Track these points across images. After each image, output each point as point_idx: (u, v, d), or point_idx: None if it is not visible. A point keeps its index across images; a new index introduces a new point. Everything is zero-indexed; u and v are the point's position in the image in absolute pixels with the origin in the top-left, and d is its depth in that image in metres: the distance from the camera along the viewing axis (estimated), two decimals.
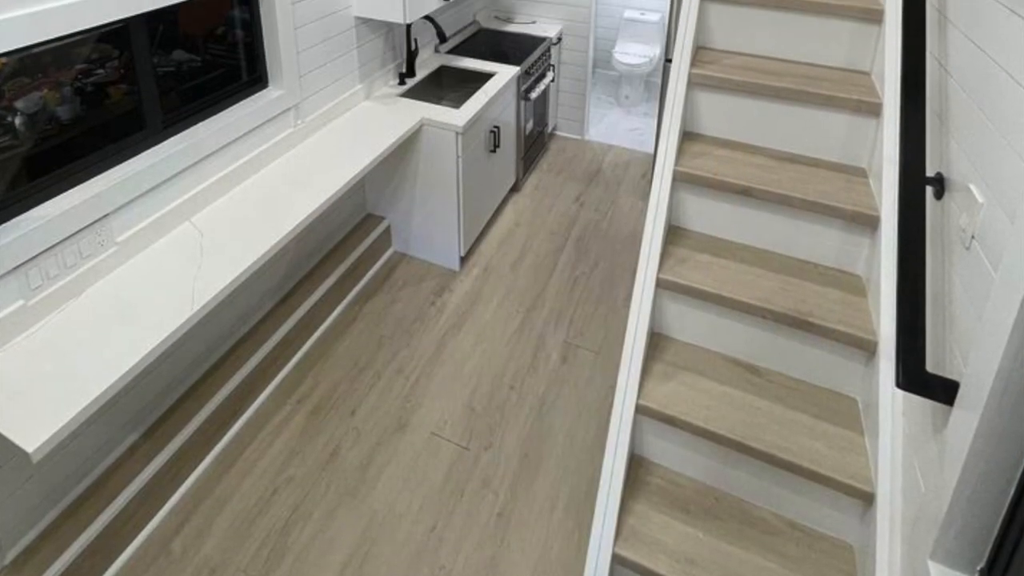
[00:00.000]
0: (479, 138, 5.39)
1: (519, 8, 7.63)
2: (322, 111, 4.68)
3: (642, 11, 8.91)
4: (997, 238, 1.89)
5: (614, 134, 8.08)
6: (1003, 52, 2.07)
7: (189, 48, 3.84)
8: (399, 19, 4.79)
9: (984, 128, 2.13)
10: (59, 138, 3.18)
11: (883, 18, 3.39)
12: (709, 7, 3.77)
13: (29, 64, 3.00)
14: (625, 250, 5.83)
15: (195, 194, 3.68)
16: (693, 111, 3.67)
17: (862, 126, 3.32)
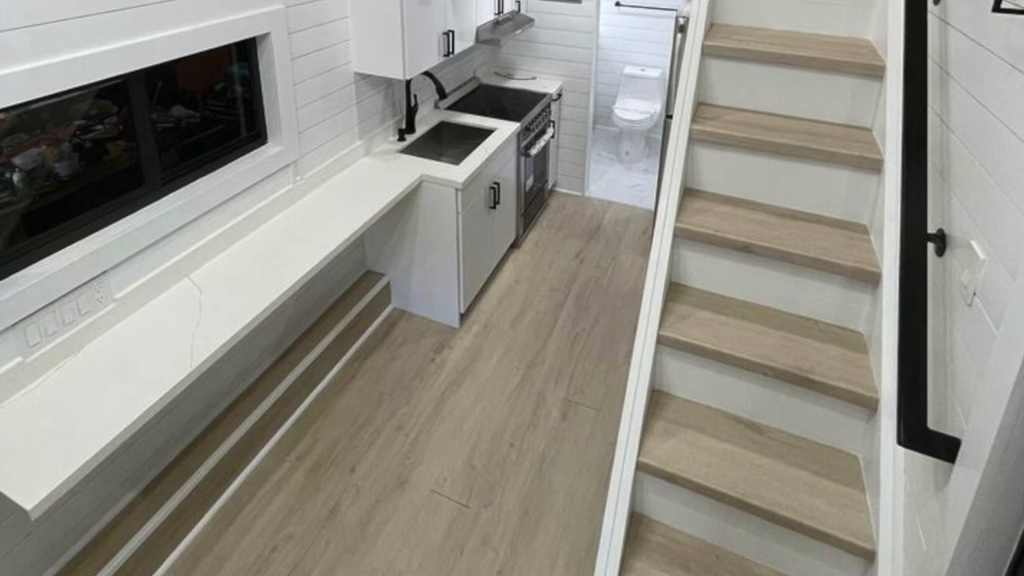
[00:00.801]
0: (479, 194, 5.42)
1: (519, 64, 7.71)
2: (321, 167, 4.71)
3: (642, 67, 9.00)
4: (999, 295, 1.89)
5: (614, 190, 8.12)
6: (1004, 108, 2.08)
7: (188, 104, 3.86)
8: (399, 75, 4.83)
9: (986, 184, 2.13)
10: (57, 194, 3.18)
11: (884, 74, 3.40)
12: (710, 63, 3.79)
13: (27, 120, 3.00)
14: (626, 307, 5.84)
15: (194, 251, 3.70)
16: (694, 167, 3.68)
17: (863, 182, 3.33)
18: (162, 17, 3.28)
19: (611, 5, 9.02)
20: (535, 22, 7.42)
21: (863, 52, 3.60)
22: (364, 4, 4.69)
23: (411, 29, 4.74)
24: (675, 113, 3.61)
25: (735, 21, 4.13)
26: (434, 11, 5.09)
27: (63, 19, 2.79)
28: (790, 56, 3.58)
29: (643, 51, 9.11)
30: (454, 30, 5.51)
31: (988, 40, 2.28)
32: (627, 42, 9.18)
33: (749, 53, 3.66)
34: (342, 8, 4.67)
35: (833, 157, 3.31)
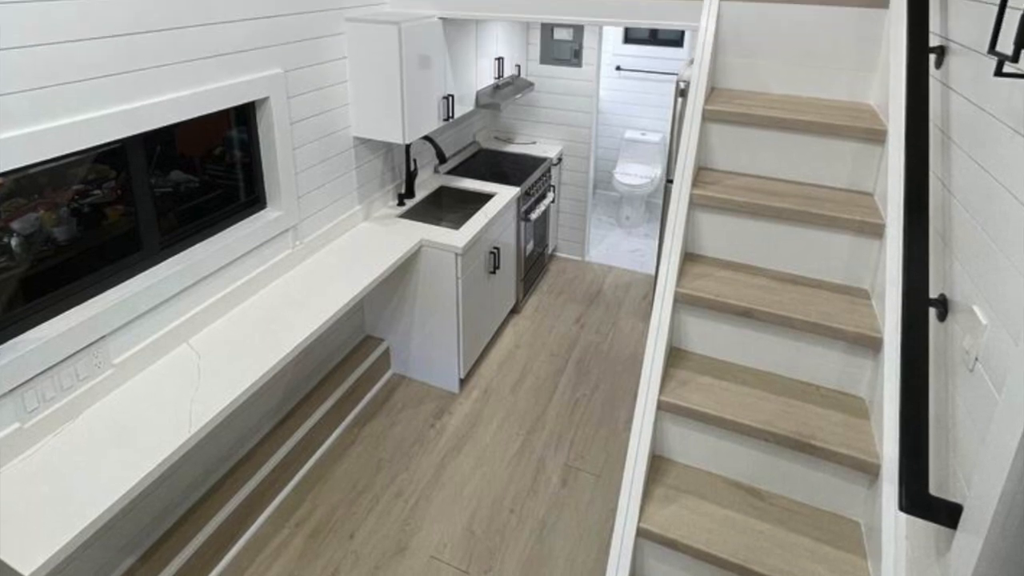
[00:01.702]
0: (479, 259, 5.44)
1: (519, 129, 7.78)
2: (321, 232, 4.73)
3: (643, 131, 9.06)
4: (1001, 360, 1.90)
5: (615, 255, 8.15)
6: (1006, 172, 2.09)
7: (187, 168, 3.87)
8: (398, 139, 4.86)
9: (988, 249, 2.15)
10: (55, 259, 3.18)
11: (886, 139, 3.41)
12: (711, 127, 3.81)
13: (26, 185, 3.01)
14: (626, 372, 5.84)
15: (193, 316, 3.72)
16: (695, 232, 3.69)
17: (865, 247, 3.33)
18: (160, 81, 3.32)
19: (611, 69, 9.11)
20: (535, 86, 7.51)
21: (864, 116, 3.62)
22: (363, 68, 4.74)
23: (411, 94, 4.78)
24: (676, 178, 3.61)
25: (736, 85, 4.16)
26: (434, 75, 5.14)
27: (61, 83, 2.83)
28: (791, 121, 3.59)
29: (644, 115, 9.17)
30: (454, 94, 5.57)
31: (990, 104, 2.30)
32: (627, 106, 9.25)
33: (750, 118, 3.68)
34: (341, 72, 4.73)
35: (834, 222, 3.32)
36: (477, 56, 6.03)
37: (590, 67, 7.26)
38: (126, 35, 3.08)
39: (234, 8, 3.68)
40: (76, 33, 2.85)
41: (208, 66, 3.59)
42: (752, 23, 4.00)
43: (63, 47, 2.81)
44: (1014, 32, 2.02)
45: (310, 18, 4.30)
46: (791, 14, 3.90)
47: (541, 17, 4.61)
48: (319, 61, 4.46)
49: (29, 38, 2.67)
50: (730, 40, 4.07)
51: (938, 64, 2.94)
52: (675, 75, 7.97)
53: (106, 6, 2.96)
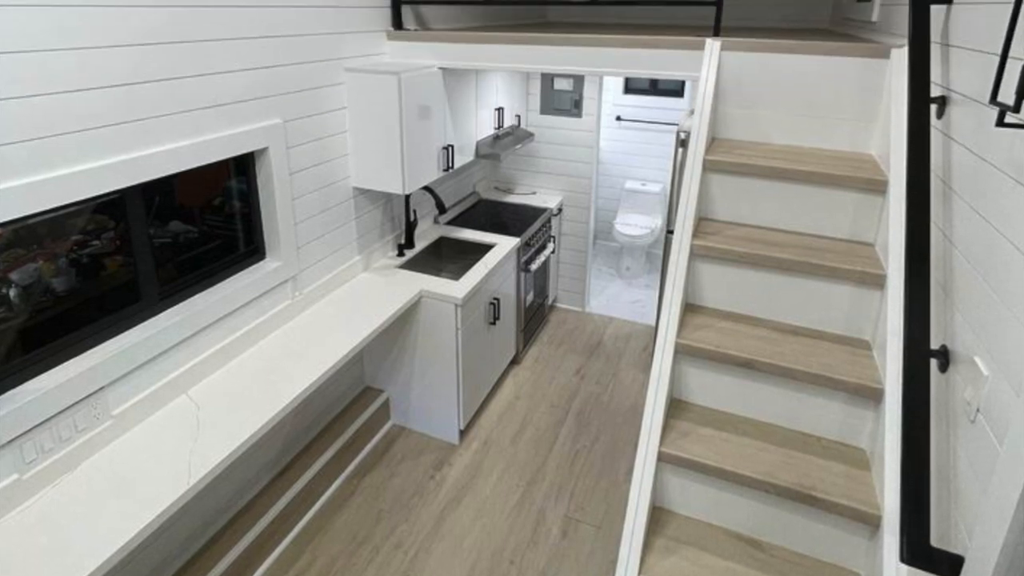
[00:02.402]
0: (479, 310, 5.46)
1: (519, 179, 7.82)
2: (320, 283, 4.75)
3: (643, 182, 9.10)
4: (1003, 411, 1.91)
5: (615, 306, 8.17)
6: (1008, 223, 2.10)
7: (186, 219, 3.88)
8: (398, 190, 4.87)
9: (989, 300, 2.16)
10: (54, 310, 3.18)
11: (887, 189, 3.42)
12: (711, 177, 3.83)
13: (24, 235, 3.02)
14: (626, 423, 5.84)
15: (192, 367, 3.72)
16: (695, 283, 3.71)
17: (866, 298, 3.34)
18: (159, 131, 3.34)
19: (612, 119, 9.18)
20: (535, 137, 7.56)
21: (865, 167, 3.63)
22: (363, 119, 4.77)
23: (410, 144, 4.81)
24: (676, 228, 3.62)
25: (737, 136, 4.18)
26: (433, 126, 5.16)
27: (60, 133, 2.85)
28: (792, 171, 3.61)
29: (644, 166, 9.23)
30: (453, 144, 5.60)
31: (991, 155, 2.31)
32: (628, 157, 9.31)
33: (751, 168, 3.70)
34: (341, 123, 4.75)
35: (835, 272, 3.33)
36: (477, 106, 6.08)
37: (590, 117, 7.32)
38: (125, 85, 3.11)
39: (233, 58, 3.71)
40: (75, 83, 2.88)
41: (207, 116, 3.61)
42: (753, 73, 4.02)
43: (61, 97, 2.83)
44: (1015, 83, 2.05)
45: (309, 68, 4.33)
46: (792, 64, 3.93)
47: (541, 68, 4.64)
48: (318, 111, 4.48)
49: (28, 88, 2.69)
50: (731, 90, 4.09)
51: (939, 114, 2.95)
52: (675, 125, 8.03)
53: (104, 56, 2.99)
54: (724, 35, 4.22)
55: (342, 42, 4.61)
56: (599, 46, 4.41)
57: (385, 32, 5.09)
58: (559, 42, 4.52)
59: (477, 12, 6.54)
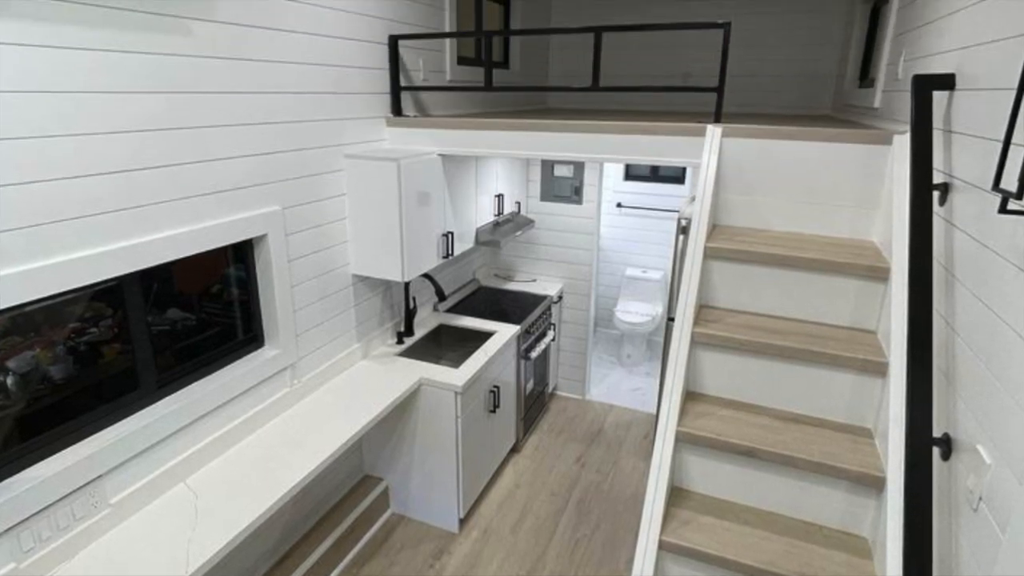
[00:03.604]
0: (479, 398, 5.46)
1: (519, 266, 7.88)
2: (319, 371, 4.77)
3: (644, 269, 9.16)
4: (1005, 500, 1.93)
5: (616, 394, 8.16)
6: (1010, 310, 2.12)
7: (184, 306, 3.89)
8: (397, 277, 4.89)
9: (992, 388, 2.17)
10: (52, 398, 3.19)
11: (889, 276, 3.43)
12: (712, 265, 3.85)
13: (21, 322, 3.03)
14: (627, 511, 5.82)
15: (190, 455, 3.73)
16: (696, 370, 3.72)
17: (868, 386, 3.35)
18: (158, 218, 3.37)
19: (612, 206, 9.27)
20: (535, 223, 7.63)
21: (867, 254, 3.66)
22: (362, 205, 4.82)
23: (410, 231, 4.85)
24: (677, 316, 3.64)
25: (737, 222, 4.21)
26: (433, 212, 5.21)
27: (58, 220, 2.88)
28: (793, 258, 3.64)
29: (645, 253, 9.30)
30: (453, 231, 5.66)
31: (994, 242, 2.33)
32: (628, 243, 9.38)
33: (752, 255, 3.73)
34: (340, 209, 4.80)
35: (837, 360, 3.35)
36: (477, 193, 6.15)
37: (591, 204, 7.38)
38: (123, 171, 3.14)
39: (232, 144, 3.76)
40: (73, 169, 2.92)
41: (206, 203, 3.65)
42: (754, 159, 4.06)
43: (60, 184, 2.86)
44: (1018, 169, 2.09)
45: (309, 154, 4.38)
46: (794, 150, 3.96)
47: (541, 154, 4.69)
48: (318, 198, 4.53)
49: (26, 175, 2.73)
50: (732, 177, 4.13)
51: (942, 201, 2.98)
52: (676, 212, 8.11)
53: (103, 142, 3.03)
54: (725, 121, 4.29)
55: (342, 128, 4.68)
56: (599, 132, 4.48)
57: (385, 118, 5.17)
58: (559, 128, 4.58)
59: (477, 99, 6.67)
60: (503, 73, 7.41)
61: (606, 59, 8.12)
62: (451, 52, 5.98)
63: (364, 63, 4.82)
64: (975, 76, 2.73)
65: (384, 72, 5.08)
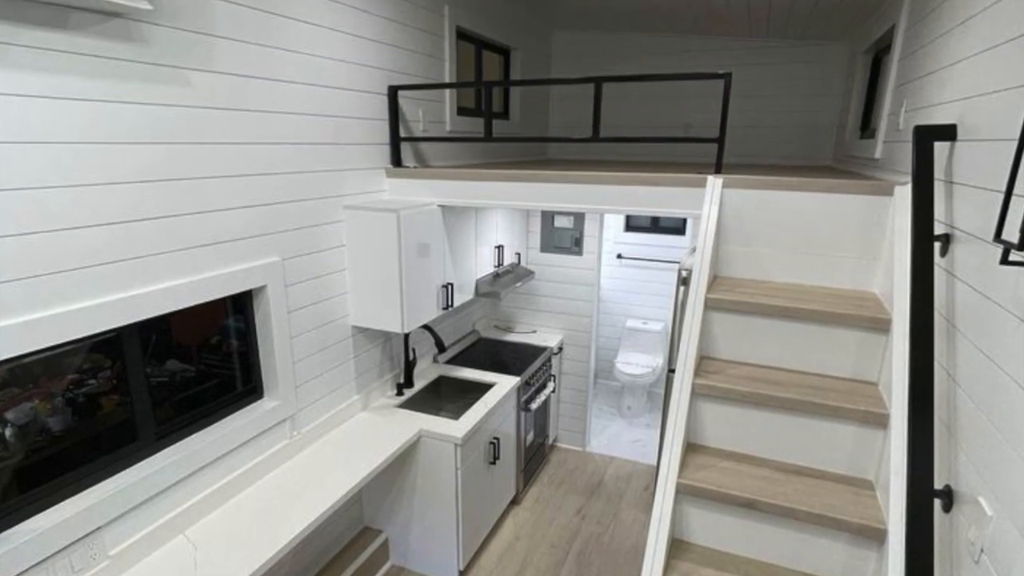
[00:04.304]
0: (478, 450, 5.46)
1: (519, 317, 7.90)
2: (318, 422, 4.77)
3: (644, 320, 9.18)
4: (1007, 552, 1.94)
5: (616, 445, 8.15)
6: (1012, 362, 2.14)
7: (183, 357, 3.90)
8: (397, 329, 4.91)
9: (993, 439, 2.19)
10: (50, 449, 3.19)
11: (890, 327, 3.44)
12: (713, 316, 3.87)
13: (20, 374, 3.03)
14: (628, 564, 5.80)
15: (189, 507, 3.73)
16: (697, 422, 3.72)
17: (869, 437, 3.35)
18: (157, 269, 3.39)
19: (613, 257, 9.31)
20: (535, 274, 7.67)
21: (868, 305, 3.68)
22: (362, 256, 4.84)
23: (409, 282, 4.87)
24: (678, 367, 3.64)
25: (738, 273, 4.23)
26: (433, 264, 5.23)
27: (57, 271, 2.90)
28: (794, 309, 3.65)
29: (645, 304, 9.33)
30: (453, 283, 5.69)
31: (996, 293, 2.35)
32: (629, 295, 9.41)
33: (753, 306, 3.75)
34: (340, 260, 4.82)
35: (838, 412, 3.35)
36: (477, 244, 6.19)
37: (591, 255, 7.42)
38: (122, 223, 3.16)
39: (231, 195, 3.78)
40: (72, 221, 2.94)
41: (205, 254, 3.67)
42: (754, 210, 4.08)
43: (59, 235, 2.89)
44: (1020, 220, 2.11)
45: (308, 205, 4.41)
46: (794, 201, 3.99)
47: (541, 205, 4.73)
48: (317, 249, 4.56)
49: (24, 226, 2.75)
50: (733, 227, 4.16)
51: (943, 252, 2.99)
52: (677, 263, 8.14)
53: (102, 193, 3.05)
54: (726, 172, 4.32)
55: (341, 179, 4.71)
56: (600, 183, 4.53)
57: (384, 169, 5.21)
58: (559, 179, 4.62)
59: (477, 149, 6.72)
60: (503, 124, 7.48)
61: (606, 110, 8.21)
62: (451, 103, 6.04)
63: (364, 114, 4.87)
64: (977, 127, 2.76)
65: (384, 123, 5.12)
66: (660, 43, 7.84)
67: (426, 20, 5.52)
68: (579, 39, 8.30)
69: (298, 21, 4.09)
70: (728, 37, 7.48)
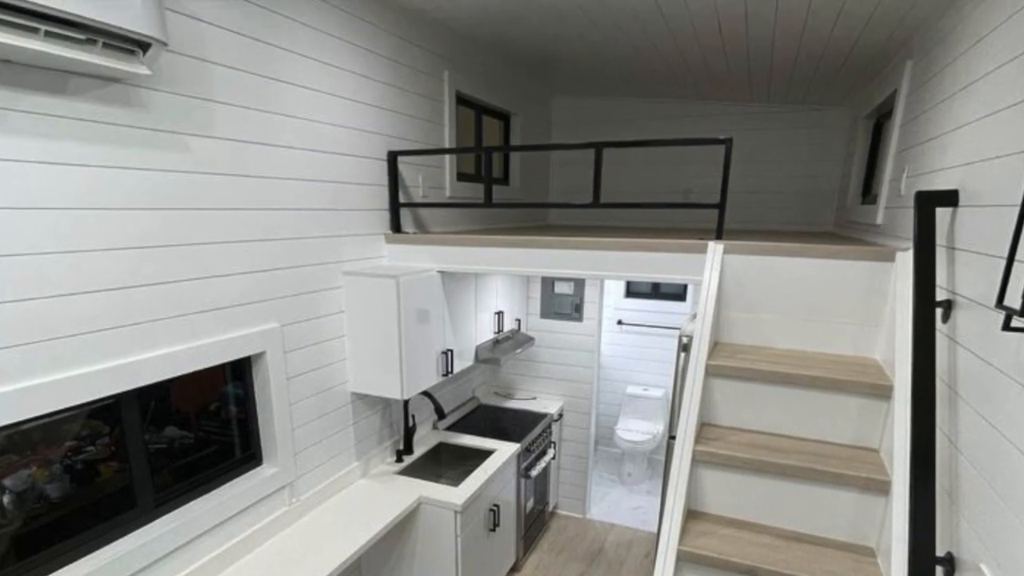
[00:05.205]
0: (478, 517, 5.45)
1: (519, 383, 7.91)
2: (317, 489, 4.77)
3: (645, 387, 9.18)
4: None
5: (617, 512, 8.14)
6: (1015, 428, 2.16)
7: (181, 424, 3.90)
8: (396, 395, 4.91)
9: (996, 506, 2.21)
10: (48, 516, 3.19)
11: (892, 394, 3.45)
12: (714, 382, 3.89)
13: (17, 440, 3.04)
14: None
15: (187, 574, 3.71)
16: (697, 488, 3.73)
17: (871, 504, 3.36)
18: (156, 335, 3.41)
19: (613, 323, 9.34)
20: (536, 341, 7.69)
21: (870, 371, 3.69)
22: (361, 322, 4.86)
23: (409, 348, 4.88)
24: (678, 434, 3.66)
25: (739, 339, 4.25)
26: (432, 330, 5.25)
27: (55, 338, 2.92)
28: (796, 376, 3.67)
29: (645, 370, 9.34)
30: (453, 349, 5.71)
31: (998, 359, 2.37)
32: (629, 361, 9.43)
33: (754, 373, 3.76)
34: (339, 327, 4.84)
35: (839, 479, 3.36)
36: (477, 310, 6.22)
37: (591, 321, 7.45)
38: (121, 288, 3.19)
39: (230, 261, 3.80)
40: (70, 287, 2.96)
41: (204, 320, 3.68)
42: (755, 276, 4.11)
43: (57, 301, 2.91)
44: (1022, 286, 2.14)
45: (308, 271, 4.43)
46: (795, 267, 4.02)
47: (541, 271, 4.77)
48: (316, 315, 4.57)
49: (22, 292, 2.77)
50: (733, 293, 4.18)
51: (945, 318, 3.01)
52: (677, 329, 8.17)
53: (100, 259, 3.08)
54: (727, 237, 4.35)
55: (341, 245, 4.74)
56: (600, 249, 4.57)
57: (384, 235, 5.25)
58: (559, 245, 4.66)
59: (476, 215, 6.78)
60: (503, 189, 7.55)
61: (607, 175, 8.28)
62: (451, 168, 6.10)
63: (363, 179, 4.91)
64: (978, 192, 2.80)
65: (383, 188, 5.16)
66: (660, 108, 7.95)
67: (426, 85, 5.60)
68: (579, 104, 8.41)
69: (297, 86, 4.15)
70: (728, 102, 7.57)
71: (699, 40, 5.26)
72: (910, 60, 4.42)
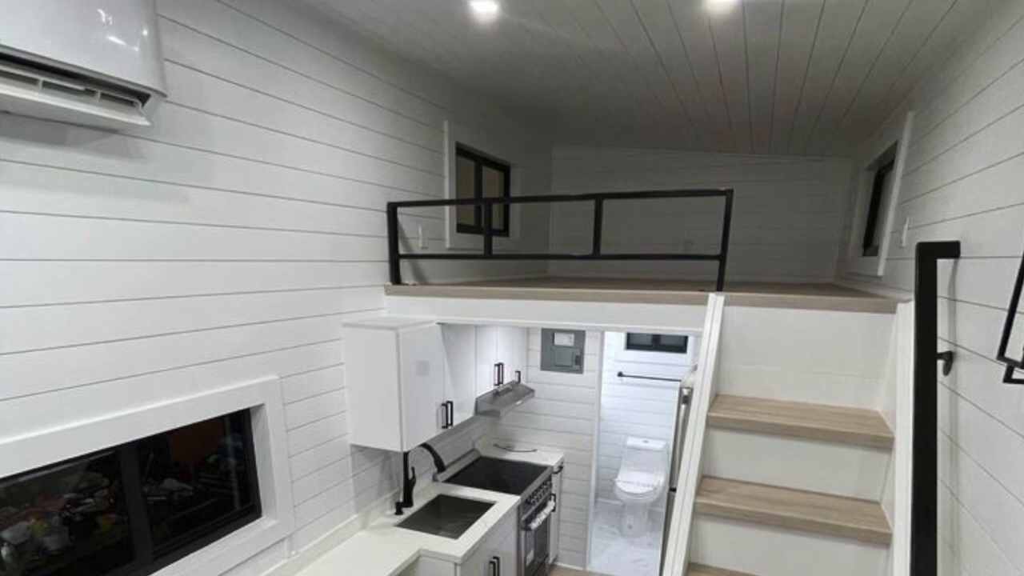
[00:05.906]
0: (478, 569, 5.42)
1: (519, 436, 7.91)
2: (317, 541, 4.75)
3: (645, 439, 9.19)
4: None
5: (617, 565, 8.11)
6: (1016, 480, 2.17)
7: (180, 476, 3.90)
8: (396, 448, 4.91)
9: (997, 559, 2.21)
10: (47, 569, 3.18)
11: (893, 446, 3.45)
12: (714, 434, 3.89)
13: (16, 493, 3.04)
14: None
15: None
16: (698, 541, 3.73)
17: (872, 557, 3.35)
18: (155, 387, 3.41)
19: (613, 375, 9.36)
20: (536, 392, 7.71)
21: (871, 423, 3.69)
22: (361, 374, 4.86)
23: (409, 400, 4.88)
24: (679, 486, 3.66)
25: (740, 391, 4.25)
26: (432, 382, 5.25)
27: (53, 390, 2.92)
28: (796, 428, 3.67)
29: (646, 422, 9.35)
30: (452, 401, 5.71)
31: (999, 411, 2.38)
32: (630, 413, 9.45)
33: (755, 425, 3.77)
34: (338, 379, 4.84)
35: (840, 531, 3.36)
36: (476, 362, 6.24)
37: (591, 373, 7.47)
38: (119, 340, 3.20)
39: (229, 313, 3.81)
40: (68, 338, 2.96)
41: (203, 372, 3.69)
42: (756, 328, 4.13)
43: (55, 353, 2.91)
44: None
45: (307, 323, 4.45)
46: (796, 319, 4.03)
47: (541, 323, 4.79)
48: (316, 367, 4.58)
49: (20, 344, 2.78)
50: (734, 345, 4.20)
51: (946, 370, 3.02)
52: (678, 381, 8.16)
53: (99, 311, 3.09)
54: (727, 289, 4.37)
55: (340, 297, 4.75)
56: (600, 301, 4.59)
57: (383, 286, 5.27)
58: (559, 297, 4.69)
59: (476, 267, 6.82)
60: (503, 240, 7.59)
61: (607, 226, 8.29)
62: (451, 219, 6.14)
63: (363, 231, 4.94)
64: (980, 244, 2.82)
65: (383, 240, 5.19)
66: (661, 159, 8.02)
67: (426, 136, 5.65)
68: (579, 155, 8.49)
69: (297, 137, 4.18)
70: (729, 153, 7.64)
71: (700, 91, 5.30)
72: (911, 111, 4.47)
